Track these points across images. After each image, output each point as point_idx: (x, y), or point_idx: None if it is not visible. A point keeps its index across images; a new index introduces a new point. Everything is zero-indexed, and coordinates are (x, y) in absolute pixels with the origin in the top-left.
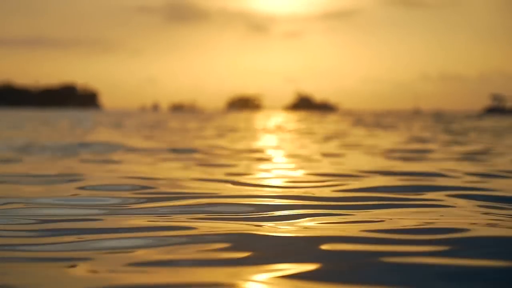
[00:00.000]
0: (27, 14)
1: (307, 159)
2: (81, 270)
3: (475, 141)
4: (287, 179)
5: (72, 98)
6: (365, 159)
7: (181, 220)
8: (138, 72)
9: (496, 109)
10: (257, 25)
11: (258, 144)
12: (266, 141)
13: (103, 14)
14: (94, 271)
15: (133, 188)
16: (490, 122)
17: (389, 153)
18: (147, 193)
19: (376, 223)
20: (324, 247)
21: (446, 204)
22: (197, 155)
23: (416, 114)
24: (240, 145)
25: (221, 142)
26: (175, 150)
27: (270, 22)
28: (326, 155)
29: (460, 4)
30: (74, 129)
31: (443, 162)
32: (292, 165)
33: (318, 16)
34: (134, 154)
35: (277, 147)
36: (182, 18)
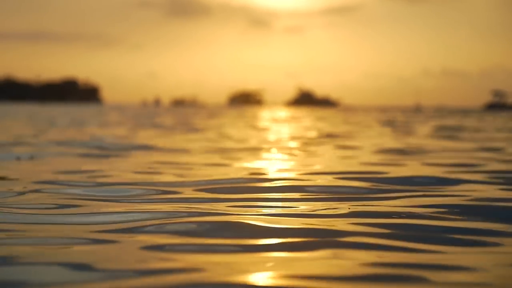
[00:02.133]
0: (28, 8)
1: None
2: None
3: None
4: None
5: (73, 92)
6: None
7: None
8: (139, 66)
9: (497, 105)
10: (258, 20)
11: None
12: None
13: (104, 8)
14: None
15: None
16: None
17: None
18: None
19: None
20: None
21: None
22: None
23: (417, 110)
24: None
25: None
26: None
27: (271, 17)
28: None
29: (461, 0)
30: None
31: None
32: None
33: (319, 11)
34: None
35: None
36: (183, 13)
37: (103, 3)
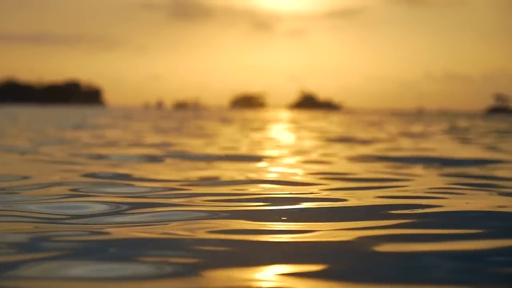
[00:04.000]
0: (31, 10)
1: None
2: None
3: None
4: None
5: (76, 94)
6: None
7: None
8: (142, 69)
9: (499, 109)
10: (261, 23)
11: None
12: None
13: (107, 10)
14: None
15: None
16: None
17: None
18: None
19: None
20: None
21: None
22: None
23: (419, 113)
24: None
25: None
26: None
27: (274, 20)
28: None
29: (464, 3)
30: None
31: None
32: None
33: (322, 14)
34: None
35: None
36: (186, 15)
37: (106, 5)
